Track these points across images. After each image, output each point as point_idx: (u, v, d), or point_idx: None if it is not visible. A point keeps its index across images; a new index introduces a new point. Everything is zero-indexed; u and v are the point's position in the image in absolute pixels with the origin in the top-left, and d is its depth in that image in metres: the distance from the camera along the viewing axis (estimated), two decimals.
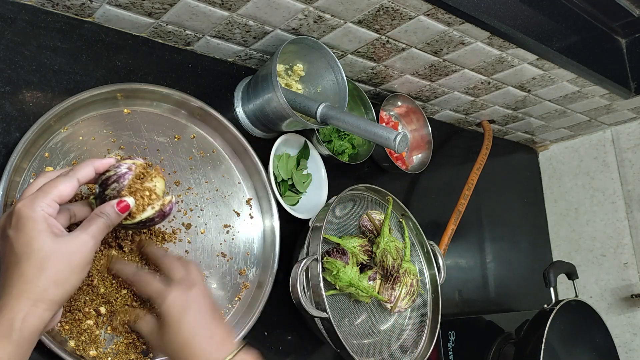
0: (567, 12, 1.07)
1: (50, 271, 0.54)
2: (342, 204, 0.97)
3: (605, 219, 1.44)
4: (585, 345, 1.18)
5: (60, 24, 0.77)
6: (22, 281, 0.53)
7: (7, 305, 0.52)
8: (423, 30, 0.89)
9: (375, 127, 0.80)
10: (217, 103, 0.89)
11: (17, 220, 0.54)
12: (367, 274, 0.92)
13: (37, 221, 0.54)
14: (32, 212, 0.55)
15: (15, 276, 0.53)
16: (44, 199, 0.56)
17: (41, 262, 0.54)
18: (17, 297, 0.53)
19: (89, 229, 0.58)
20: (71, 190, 0.57)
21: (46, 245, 0.54)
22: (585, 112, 1.34)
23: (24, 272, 0.53)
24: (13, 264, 0.54)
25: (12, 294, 0.53)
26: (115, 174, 0.61)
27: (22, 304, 0.53)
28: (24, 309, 0.52)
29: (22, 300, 0.53)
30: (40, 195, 0.56)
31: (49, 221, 0.55)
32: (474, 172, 1.22)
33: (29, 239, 0.54)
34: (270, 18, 0.83)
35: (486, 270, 1.37)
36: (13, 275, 0.53)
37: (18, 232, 0.54)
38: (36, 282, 0.53)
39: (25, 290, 0.53)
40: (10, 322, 0.52)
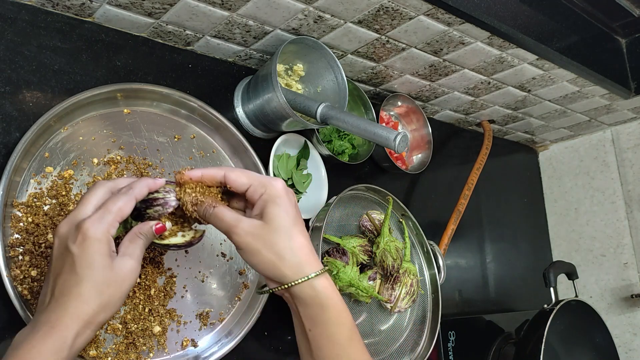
0: (567, 12, 1.07)
1: (105, 297, 0.55)
2: (342, 204, 0.97)
3: (605, 219, 1.44)
4: (585, 345, 1.18)
5: (60, 24, 0.77)
6: (79, 301, 0.54)
7: (62, 322, 0.53)
8: (423, 30, 0.89)
9: (375, 127, 0.80)
10: (217, 103, 0.89)
11: (82, 239, 0.55)
12: (367, 274, 0.92)
13: (102, 243, 0.55)
14: (99, 233, 0.55)
15: (73, 295, 0.54)
16: (109, 220, 0.56)
17: (100, 287, 0.55)
18: (73, 316, 0.54)
19: (134, 253, 0.58)
20: (130, 210, 0.58)
21: (105, 270, 0.55)
22: (585, 112, 1.34)
23: (82, 293, 0.54)
24: (73, 282, 0.55)
25: (68, 312, 0.54)
26: (163, 198, 0.61)
27: (76, 324, 0.54)
28: (76, 329, 0.54)
29: (76, 320, 0.54)
30: (107, 216, 0.56)
31: (110, 243, 0.56)
32: (474, 172, 1.22)
33: (92, 261, 0.55)
34: (270, 18, 0.83)
35: (486, 270, 1.37)
36: (71, 293, 0.54)
37: (83, 252, 0.55)
38: (92, 305, 0.54)
39: (81, 311, 0.54)
40: (64, 340, 0.53)
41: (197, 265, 0.82)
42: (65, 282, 0.55)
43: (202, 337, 0.81)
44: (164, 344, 0.76)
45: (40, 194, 0.70)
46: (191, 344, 0.79)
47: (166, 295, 0.78)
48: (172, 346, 0.77)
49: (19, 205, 0.68)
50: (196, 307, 0.81)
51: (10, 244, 0.67)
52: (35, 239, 0.68)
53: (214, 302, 0.83)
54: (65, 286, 0.55)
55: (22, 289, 0.66)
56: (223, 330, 0.83)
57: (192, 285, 0.81)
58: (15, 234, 0.67)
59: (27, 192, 0.70)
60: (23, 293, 0.66)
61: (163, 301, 0.77)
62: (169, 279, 0.78)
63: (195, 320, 0.81)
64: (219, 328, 0.83)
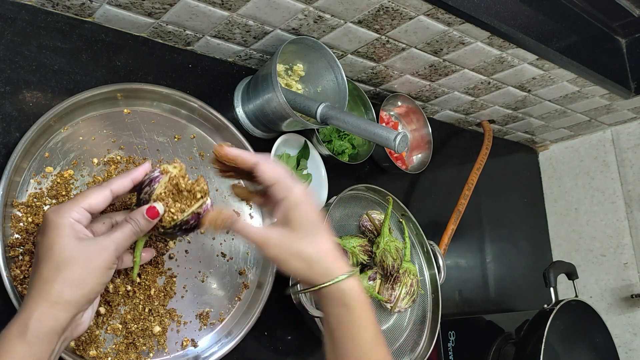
0: (567, 12, 1.07)
1: (66, 273, 0.55)
2: (342, 204, 0.97)
3: (605, 219, 1.44)
4: (585, 345, 1.18)
5: (60, 24, 0.77)
6: (39, 282, 0.55)
7: (24, 306, 0.54)
8: (423, 30, 0.89)
9: (375, 127, 0.80)
10: (217, 103, 0.89)
11: (43, 225, 0.57)
12: (367, 274, 0.92)
13: (61, 226, 0.56)
14: (57, 217, 0.56)
15: (35, 278, 0.55)
16: (72, 206, 0.57)
17: (58, 264, 0.55)
18: (34, 298, 0.54)
19: (113, 234, 0.59)
20: (102, 200, 0.59)
21: (66, 248, 0.55)
22: (585, 112, 1.34)
23: (42, 273, 0.55)
24: (35, 266, 0.56)
25: (31, 295, 0.54)
26: (148, 177, 0.62)
27: (38, 305, 0.54)
28: (39, 310, 0.53)
29: (38, 301, 0.54)
30: (69, 203, 0.58)
31: (74, 226, 0.57)
32: (474, 172, 1.22)
33: (51, 243, 0.55)
34: (270, 18, 0.83)
35: (486, 270, 1.37)
36: (34, 277, 0.55)
37: (43, 237, 0.56)
38: (52, 283, 0.54)
39: (43, 291, 0.54)
40: (26, 322, 0.53)
41: (197, 265, 0.82)
42: (34, 270, 0.56)
43: (202, 337, 0.81)
44: (164, 344, 0.76)
45: (40, 194, 0.70)
46: (191, 344, 0.79)
47: (166, 295, 0.78)
48: (172, 346, 0.77)
49: (19, 205, 0.68)
50: (196, 307, 0.81)
51: (10, 244, 0.67)
52: (35, 239, 0.68)
53: (214, 302, 0.83)
54: (33, 273, 0.56)
55: (22, 289, 0.66)
56: (223, 330, 0.83)
57: (192, 285, 0.81)
58: (15, 234, 0.67)
59: (27, 192, 0.70)
60: (23, 293, 0.66)
61: (163, 301, 0.77)
62: (169, 279, 0.78)
63: (195, 320, 0.81)
64: (219, 328, 0.83)
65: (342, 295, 0.60)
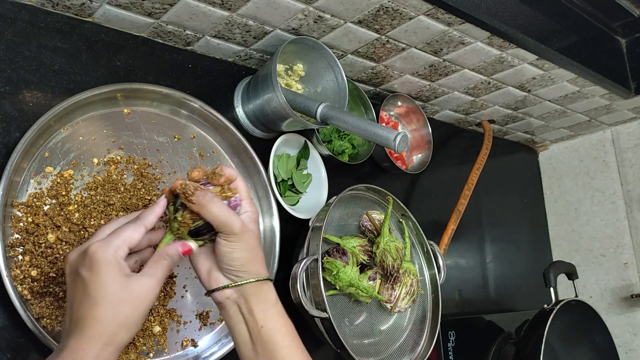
0: (567, 12, 1.07)
1: (121, 317, 0.55)
2: (342, 204, 0.97)
3: (605, 219, 1.44)
4: (585, 345, 1.18)
5: (60, 24, 0.77)
6: (95, 324, 0.55)
7: (80, 346, 0.54)
8: (423, 30, 0.89)
9: (375, 127, 0.80)
10: (217, 103, 0.89)
11: (90, 262, 0.56)
12: (367, 274, 0.92)
13: (111, 264, 0.56)
14: (106, 254, 0.56)
15: (89, 318, 0.55)
16: (120, 244, 0.58)
17: (114, 307, 0.55)
18: (90, 339, 0.54)
19: (155, 273, 0.59)
20: (139, 236, 0.60)
21: (118, 290, 0.56)
22: (585, 112, 1.34)
23: (97, 315, 0.55)
24: (87, 305, 0.55)
25: (85, 335, 0.54)
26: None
27: (94, 346, 0.54)
28: (94, 351, 0.54)
29: (94, 342, 0.54)
30: (113, 239, 0.58)
31: (121, 264, 0.57)
32: (474, 172, 1.22)
33: (102, 282, 0.55)
34: (270, 18, 0.83)
35: (486, 270, 1.37)
36: (87, 317, 0.55)
37: (93, 274, 0.56)
38: (108, 326, 0.55)
39: (98, 333, 0.54)
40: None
41: None
42: (81, 307, 0.55)
43: (202, 337, 0.81)
44: (163, 344, 0.76)
45: (40, 194, 0.70)
46: (191, 344, 0.79)
47: (166, 295, 0.78)
48: (172, 346, 0.77)
49: (19, 205, 0.68)
50: (196, 307, 0.81)
51: (10, 244, 0.67)
52: (35, 239, 0.68)
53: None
54: (82, 311, 0.55)
55: (22, 289, 0.66)
56: (223, 330, 0.83)
57: (192, 285, 0.81)
58: (15, 234, 0.67)
59: (27, 192, 0.70)
60: (23, 293, 0.66)
61: (163, 301, 0.77)
62: (169, 279, 0.78)
63: (195, 320, 0.81)
64: (218, 328, 0.83)
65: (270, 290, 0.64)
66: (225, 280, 0.63)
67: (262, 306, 0.63)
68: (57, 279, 0.69)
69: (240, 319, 0.63)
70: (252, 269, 0.63)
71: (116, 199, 0.75)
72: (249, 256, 0.62)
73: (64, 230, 0.70)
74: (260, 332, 0.62)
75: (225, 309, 0.64)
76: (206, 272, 0.64)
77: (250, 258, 0.63)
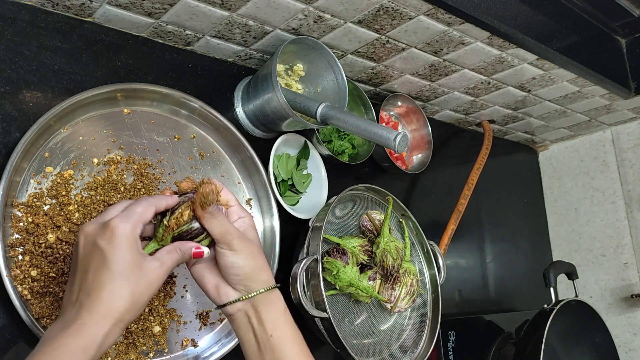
0: (567, 12, 1.07)
1: (136, 295, 0.55)
2: (342, 204, 0.97)
3: (605, 219, 1.44)
4: (585, 345, 1.18)
5: (60, 24, 0.77)
6: (112, 297, 0.54)
7: (92, 320, 0.53)
8: (423, 30, 0.89)
9: (375, 127, 0.80)
10: (217, 103, 0.89)
11: (112, 235, 0.55)
12: (367, 274, 0.92)
13: (130, 240, 0.56)
14: (127, 230, 0.56)
15: (106, 291, 0.54)
16: (135, 218, 0.57)
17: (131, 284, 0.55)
18: (103, 313, 0.53)
19: (166, 262, 0.59)
20: (151, 215, 0.59)
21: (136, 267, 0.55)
22: (585, 112, 1.34)
23: (116, 289, 0.54)
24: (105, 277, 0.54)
25: (99, 309, 0.53)
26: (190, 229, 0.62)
27: (107, 322, 0.53)
28: (107, 327, 0.53)
29: (108, 317, 0.53)
30: (132, 215, 0.57)
31: (138, 241, 0.57)
32: (474, 172, 1.22)
33: (122, 257, 0.55)
34: (270, 18, 0.83)
35: (486, 270, 1.37)
36: (104, 288, 0.54)
37: (113, 248, 0.55)
38: (123, 302, 0.54)
39: (113, 307, 0.54)
40: (94, 338, 0.52)
41: None
42: (98, 278, 0.54)
43: (202, 337, 0.81)
44: (163, 344, 0.76)
45: (40, 194, 0.70)
46: (191, 344, 0.79)
47: (166, 295, 0.78)
48: (172, 346, 0.77)
49: (19, 205, 0.68)
50: (196, 307, 0.81)
51: (10, 244, 0.67)
52: (35, 239, 0.68)
53: None
54: (98, 282, 0.54)
55: (22, 289, 0.66)
56: (223, 330, 0.83)
57: (192, 285, 0.81)
58: (15, 234, 0.67)
59: (27, 192, 0.70)
60: (23, 293, 0.66)
61: (163, 301, 0.77)
62: (169, 279, 0.78)
63: (195, 320, 0.81)
64: (218, 328, 0.83)
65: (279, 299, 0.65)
66: (235, 293, 0.63)
67: (272, 315, 0.63)
68: (57, 279, 0.69)
69: (249, 328, 0.63)
70: (260, 277, 0.63)
71: (116, 199, 0.75)
72: (255, 264, 0.63)
73: (64, 231, 0.70)
74: (270, 340, 0.62)
75: (235, 320, 0.64)
76: (214, 288, 0.64)
77: (257, 266, 0.63)
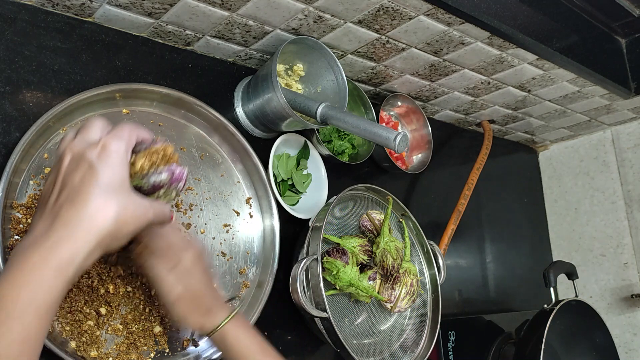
0: (567, 12, 1.07)
1: (121, 218, 0.50)
2: (342, 204, 0.97)
3: (605, 219, 1.44)
4: (585, 345, 1.18)
5: (60, 24, 0.77)
6: (100, 213, 0.49)
7: (75, 234, 0.48)
8: (423, 30, 0.89)
9: (375, 127, 0.80)
10: (217, 103, 0.89)
11: (103, 150, 0.51)
12: (367, 274, 0.92)
13: (125, 161, 0.52)
14: (122, 149, 0.52)
15: (94, 205, 0.48)
16: (127, 140, 0.53)
17: (121, 204, 0.50)
18: (90, 229, 0.48)
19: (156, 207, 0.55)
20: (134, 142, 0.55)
21: (125, 190, 0.51)
22: (585, 112, 1.34)
23: (105, 205, 0.49)
24: (93, 191, 0.49)
25: (85, 224, 0.48)
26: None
27: (93, 238, 0.48)
28: (91, 244, 0.48)
29: (93, 234, 0.48)
30: (123, 136, 0.53)
31: (128, 167, 0.53)
32: (474, 172, 1.22)
33: (115, 174, 0.51)
34: (270, 18, 0.83)
35: (486, 270, 1.37)
36: (91, 202, 0.48)
37: (105, 163, 0.50)
38: (108, 223, 0.49)
39: (100, 225, 0.49)
40: (72, 257, 0.47)
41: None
42: (84, 191, 0.49)
43: (203, 337, 0.81)
44: (164, 344, 0.76)
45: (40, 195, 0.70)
46: (192, 344, 0.79)
47: None
48: (172, 346, 0.77)
49: (19, 207, 0.68)
50: None
51: (11, 245, 0.67)
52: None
53: None
54: (84, 194, 0.49)
55: None
56: None
57: None
58: (15, 236, 0.67)
59: (27, 194, 0.70)
60: None
61: None
62: None
63: None
64: None
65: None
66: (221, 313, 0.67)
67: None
68: None
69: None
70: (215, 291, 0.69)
71: None
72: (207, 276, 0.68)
73: None
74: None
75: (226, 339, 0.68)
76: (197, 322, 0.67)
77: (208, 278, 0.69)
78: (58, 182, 0.51)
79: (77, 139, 0.53)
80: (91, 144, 0.52)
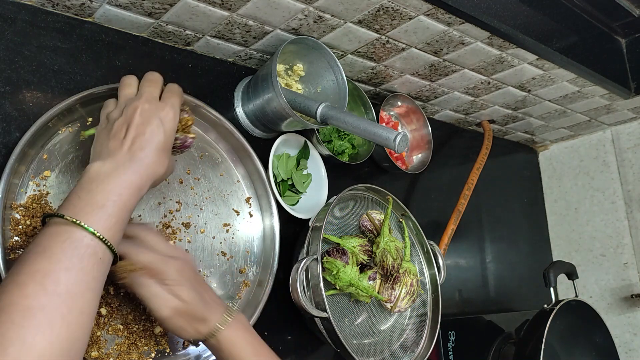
0: (567, 12, 1.07)
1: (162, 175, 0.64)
2: (342, 204, 0.97)
3: (605, 219, 1.44)
4: (585, 345, 1.18)
5: (60, 24, 0.77)
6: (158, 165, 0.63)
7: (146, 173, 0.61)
8: (423, 30, 0.89)
9: (375, 127, 0.80)
10: (217, 103, 0.89)
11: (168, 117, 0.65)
12: (367, 274, 0.92)
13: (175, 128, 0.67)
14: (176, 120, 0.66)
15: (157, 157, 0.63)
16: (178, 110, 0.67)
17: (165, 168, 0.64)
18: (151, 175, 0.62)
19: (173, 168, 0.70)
20: None
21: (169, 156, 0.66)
22: (585, 112, 1.34)
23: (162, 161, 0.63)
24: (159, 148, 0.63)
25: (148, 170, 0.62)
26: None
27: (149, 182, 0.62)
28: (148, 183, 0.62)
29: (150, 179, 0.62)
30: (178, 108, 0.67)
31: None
32: (474, 172, 1.22)
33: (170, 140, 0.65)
34: (270, 18, 0.83)
35: (486, 270, 1.37)
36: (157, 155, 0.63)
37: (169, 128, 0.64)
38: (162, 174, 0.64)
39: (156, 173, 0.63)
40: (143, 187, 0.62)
41: (197, 265, 0.82)
42: (153, 142, 0.62)
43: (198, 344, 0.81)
44: (165, 344, 0.76)
45: (39, 196, 0.70)
46: (192, 344, 0.79)
47: None
48: (173, 346, 0.77)
49: (18, 208, 0.68)
50: None
51: (10, 246, 0.67)
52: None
53: None
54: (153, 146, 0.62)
55: None
56: None
57: None
58: (14, 237, 0.67)
59: (26, 195, 0.69)
60: None
61: None
62: None
63: None
64: None
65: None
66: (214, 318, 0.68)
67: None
68: None
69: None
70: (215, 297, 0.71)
71: None
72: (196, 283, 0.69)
73: None
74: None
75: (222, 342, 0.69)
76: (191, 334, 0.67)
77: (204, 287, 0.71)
78: (131, 128, 0.63)
79: (145, 96, 0.66)
80: (158, 104, 0.65)
